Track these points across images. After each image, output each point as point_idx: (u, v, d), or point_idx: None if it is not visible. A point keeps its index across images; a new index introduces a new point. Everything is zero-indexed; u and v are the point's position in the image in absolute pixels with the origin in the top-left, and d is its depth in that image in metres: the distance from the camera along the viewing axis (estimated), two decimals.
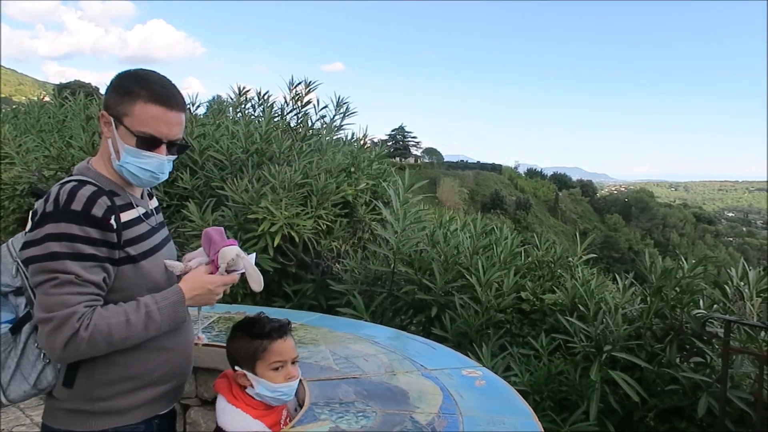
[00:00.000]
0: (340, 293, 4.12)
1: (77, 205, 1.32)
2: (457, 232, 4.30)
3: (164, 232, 1.60)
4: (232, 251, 1.46)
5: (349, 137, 5.62)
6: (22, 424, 4.26)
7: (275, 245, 3.97)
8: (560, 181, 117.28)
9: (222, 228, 1.50)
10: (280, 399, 1.58)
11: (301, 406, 1.65)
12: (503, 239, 4.12)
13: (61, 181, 1.41)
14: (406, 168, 4.66)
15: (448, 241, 4.02)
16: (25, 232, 1.41)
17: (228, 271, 1.47)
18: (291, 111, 5.54)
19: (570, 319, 3.26)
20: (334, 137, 5.47)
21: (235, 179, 4.35)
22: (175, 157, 1.50)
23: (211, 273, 1.48)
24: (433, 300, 3.73)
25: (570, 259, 4.03)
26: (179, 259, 1.56)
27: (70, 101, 6.24)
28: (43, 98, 9.24)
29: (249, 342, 1.57)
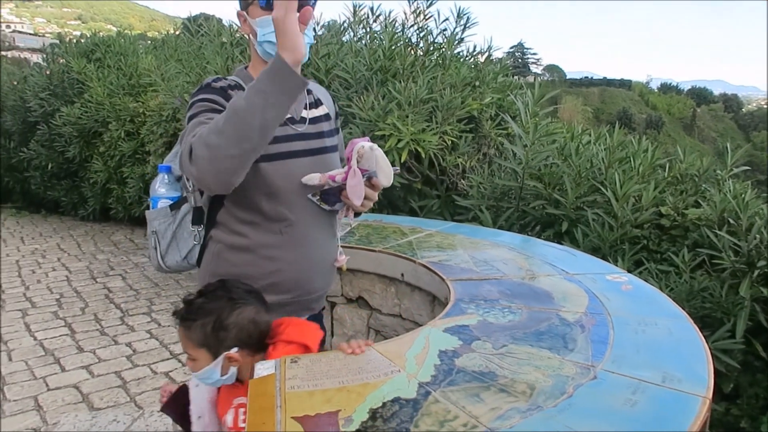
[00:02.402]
0: (466, 209, 4.14)
1: (215, 84, 1.47)
2: (590, 145, 4.09)
3: (318, 143, 1.57)
4: (364, 143, 1.44)
5: (471, 50, 5.46)
6: (148, 376, 4.76)
7: (402, 161, 4.03)
8: (699, 96, 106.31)
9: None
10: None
11: (443, 303, 1.71)
12: (641, 152, 3.87)
13: None
14: (535, 80, 4.45)
15: (581, 154, 3.85)
16: None
17: (360, 169, 1.42)
18: (412, 25, 5.43)
19: (719, 232, 3.05)
20: (455, 51, 5.32)
21: (361, 97, 4.41)
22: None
23: (346, 173, 1.48)
24: (563, 215, 3.63)
25: (718, 172, 3.71)
26: None
27: (204, 29, 6.55)
28: (176, 32, 9.82)
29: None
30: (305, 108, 1.59)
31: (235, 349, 1.31)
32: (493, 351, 1.28)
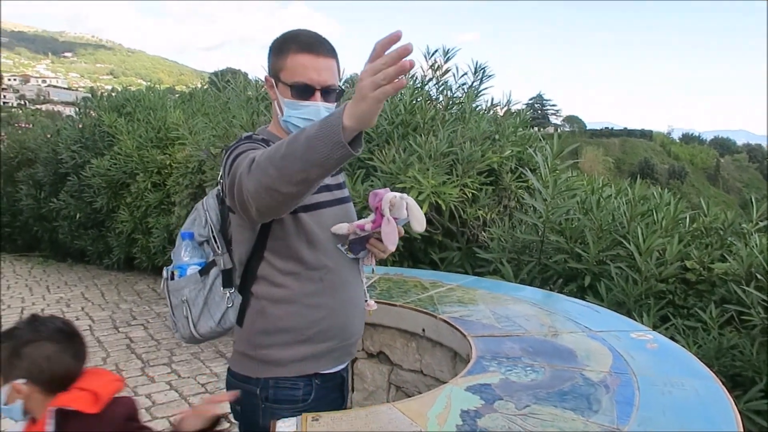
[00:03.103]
0: (487, 261, 4.12)
1: (256, 137, 1.51)
2: (611, 198, 4.09)
3: (339, 193, 1.63)
4: (395, 193, 1.49)
5: (488, 103, 5.57)
6: (203, 374, 4.78)
7: (424, 213, 4.06)
8: (722, 146, 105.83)
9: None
10: None
11: (465, 359, 1.69)
12: (664, 205, 3.85)
13: None
14: (555, 132, 4.50)
15: (602, 207, 3.84)
16: (216, 189, 1.60)
17: (392, 217, 1.47)
18: (430, 80, 5.57)
19: (747, 288, 2.99)
20: (474, 105, 5.43)
21: (382, 150, 4.49)
22: (334, 104, 1.53)
23: (373, 222, 1.53)
24: (586, 269, 3.60)
25: (743, 225, 3.67)
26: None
27: (231, 84, 6.80)
28: (203, 86, 10.20)
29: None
30: None
31: (22, 381, 1.30)
32: (515, 411, 1.26)
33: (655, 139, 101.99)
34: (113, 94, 10.63)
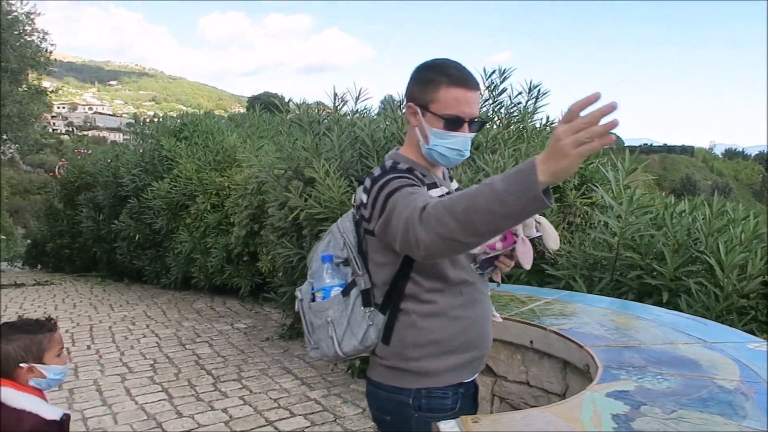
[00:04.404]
0: (555, 278, 4.13)
1: (401, 167, 1.58)
2: (685, 214, 4.07)
3: None
4: None
5: (543, 121, 5.63)
6: (273, 389, 4.86)
7: None
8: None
9: None
10: (61, 380, 1.89)
11: (577, 370, 1.72)
12: (740, 220, 3.82)
13: (379, 164, 1.65)
14: (626, 150, 4.51)
15: (676, 224, 3.83)
16: (353, 211, 1.67)
17: (525, 235, 1.53)
18: (486, 100, 5.66)
19: None
20: (529, 123, 5.49)
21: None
22: (475, 134, 1.62)
23: (503, 240, 1.59)
24: (662, 284, 3.59)
25: None
26: None
27: (294, 109, 6.99)
28: (248, 110, 10.49)
29: (31, 338, 1.82)
30: (445, 179, 1.74)
31: None
32: (664, 416, 1.30)
33: (696, 155, 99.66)
34: (155, 120, 11.04)
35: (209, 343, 6.27)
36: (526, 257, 1.53)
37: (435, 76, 1.55)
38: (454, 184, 1.77)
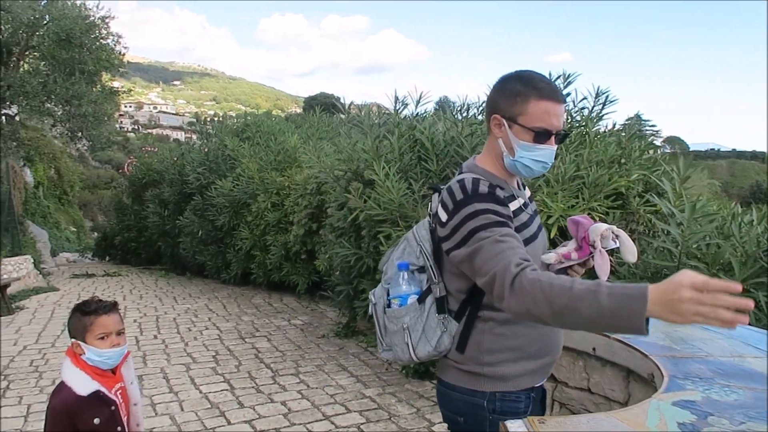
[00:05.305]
0: None
1: (483, 189, 1.56)
2: (754, 224, 3.94)
3: (538, 221, 1.72)
4: (603, 225, 1.56)
5: (608, 127, 5.53)
6: (330, 385, 4.98)
7: (551, 237, 4.10)
8: None
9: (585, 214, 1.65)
10: (107, 362, 1.97)
11: (641, 379, 1.72)
12: None
13: (457, 177, 1.65)
14: (655, 152, 4.43)
15: (744, 234, 3.72)
16: (429, 220, 1.71)
17: (602, 247, 1.55)
18: None
19: None
20: (593, 128, 5.41)
21: None
22: (558, 145, 1.62)
23: (578, 250, 1.62)
24: None
25: None
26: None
27: (357, 112, 7.14)
28: (301, 110, 10.72)
29: (80, 318, 1.97)
30: (520, 188, 1.75)
31: None
32: (732, 427, 1.31)
33: None
34: (215, 119, 11.44)
35: (267, 338, 6.48)
36: (603, 269, 1.55)
37: (524, 89, 1.56)
38: (527, 192, 1.79)
